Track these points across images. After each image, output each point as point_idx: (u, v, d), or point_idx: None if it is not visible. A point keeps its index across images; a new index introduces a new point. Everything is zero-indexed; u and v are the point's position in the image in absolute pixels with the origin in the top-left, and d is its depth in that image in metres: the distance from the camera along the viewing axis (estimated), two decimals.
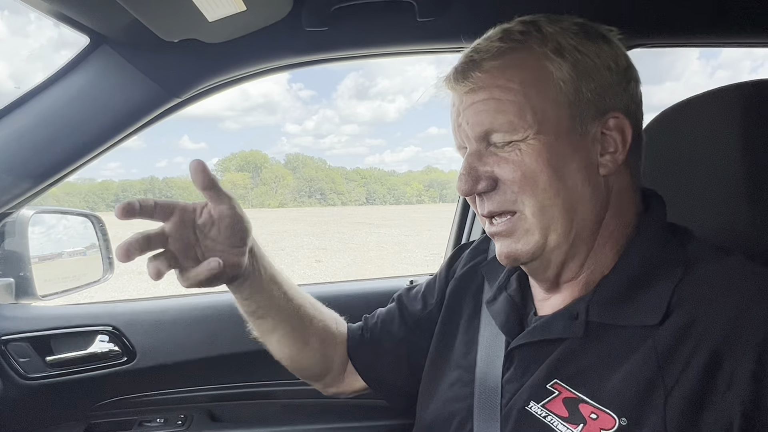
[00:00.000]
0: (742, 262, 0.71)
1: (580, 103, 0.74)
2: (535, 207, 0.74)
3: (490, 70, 0.75)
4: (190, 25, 1.04)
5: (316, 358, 1.04)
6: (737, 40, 1.34)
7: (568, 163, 0.74)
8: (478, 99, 0.75)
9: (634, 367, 0.67)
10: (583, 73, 0.74)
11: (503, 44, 0.75)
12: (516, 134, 0.73)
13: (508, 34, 0.76)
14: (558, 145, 0.73)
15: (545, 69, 0.74)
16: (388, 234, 20.82)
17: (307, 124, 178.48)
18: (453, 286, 1.04)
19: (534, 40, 0.75)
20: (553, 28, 0.76)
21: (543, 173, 0.73)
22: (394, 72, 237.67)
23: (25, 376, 1.36)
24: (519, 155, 0.74)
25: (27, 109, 1.14)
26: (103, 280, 1.50)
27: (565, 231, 0.75)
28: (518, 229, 0.76)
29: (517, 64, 0.74)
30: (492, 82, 0.74)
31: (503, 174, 0.75)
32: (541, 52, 0.74)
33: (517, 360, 0.81)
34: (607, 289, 0.75)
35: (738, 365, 0.61)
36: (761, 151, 0.82)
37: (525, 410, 0.75)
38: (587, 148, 0.75)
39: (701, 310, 0.66)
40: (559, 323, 0.77)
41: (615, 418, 0.66)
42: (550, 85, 0.74)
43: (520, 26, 0.77)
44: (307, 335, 1.02)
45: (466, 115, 0.77)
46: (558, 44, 0.74)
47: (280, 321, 0.98)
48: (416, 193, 77.26)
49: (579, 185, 0.74)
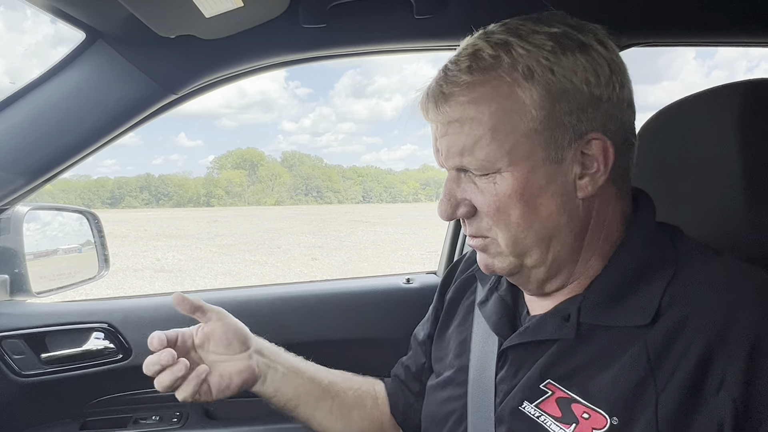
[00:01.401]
0: (732, 261, 0.71)
1: (555, 128, 0.70)
2: (508, 239, 0.74)
3: (460, 104, 0.72)
4: (186, 21, 1.03)
5: (364, 426, 1.06)
6: (733, 39, 1.34)
7: (543, 193, 0.72)
8: (450, 132, 0.73)
9: (625, 367, 0.67)
10: (557, 96, 0.70)
11: (472, 77, 0.72)
12: (488, 168, 0.72)
13: (477, 61, 0.72)
14: (532, 177, 0.71)
15: (516, 97, 0.70)
16: (385, 232, 20.82)
17: (304, 121, 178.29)
18: (450, 296, 1.05)
19: (504, 67, 0.70)
20: (524, 49, 0.70)
21: (516, 207, 0.72)
22: (392, 70, 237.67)
23: (20, 373, 1.36)
24: (493, 188, 0.72)
25: (22, 105, 1.13)
26: (98, 277, 1.49)
27: (541, 257, 0.75)
28: (491, 248, 0.77)
29: (487, 97, 0.71)
30: (462, 115, 0.72)
31: (479, 204, 0.75)
32: (511, 79, 0.70)
33: (510, 360, 0.81)
34: (599, 290, 0.75)
35: (729, 365, 0.61)
36: (757, 151, 0.82)
37: (518, 410, 0.75)
38: (564, 174, 0.72)
39: (692, 310, 0.66)
40: (551, 324, 0.76)
41: (606, 417, 0.66)
42: (521, 115, 0.70)
43: (491, 50, 0.72)
44: (348, 410, 1.04)
45: (441, 144, 0.76)
46: (528, 68, 0.70)
47: (315, 406, 1.01)
48: (413, 192, 77.24)
49: (554, 214, 0.72)
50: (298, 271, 12.11)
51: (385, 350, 1.25)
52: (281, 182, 76.04)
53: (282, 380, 0.98)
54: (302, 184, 76.05)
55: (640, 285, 0.72)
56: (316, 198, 73.19)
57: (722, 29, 1.30)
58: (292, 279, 11.25)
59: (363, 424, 1.05)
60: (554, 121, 0.70)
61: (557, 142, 0.71)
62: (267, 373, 0.96)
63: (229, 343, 0.92)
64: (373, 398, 1.08)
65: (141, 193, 70.36)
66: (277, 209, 48.38)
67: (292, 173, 78.86)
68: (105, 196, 69.21)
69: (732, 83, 0.88)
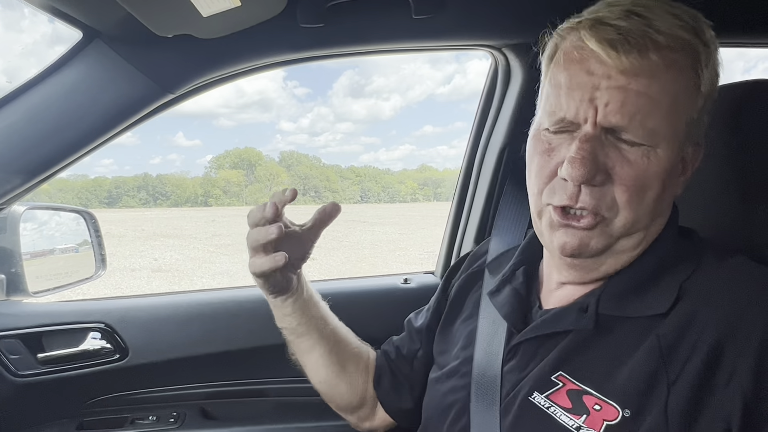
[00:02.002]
0: (746, 261, 0.72)
1: (698, 124, 0.71)
2: (629, 219, 0.70)
3: (666, 59, 0.65)
4: (184, 20, 1.03)
5: (352, 385, 1.06)
6: (730, 40, 1.35)
7: (672, 180, 0.72)
8: (633, 87, 0.65)
9: (638, 360, 0.68)
10: (711, 93, 0.70)
11: (686, 36, 0.66)
12: (649, 140, 0.67)
13: (684, 24, 0.67)
14: (674, 163, 0.70)
15: (697, 79, 0.68)
16: (383, 232, 20.80)
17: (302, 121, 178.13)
18: (456, 288, 1.05)
19: (700, 43, 0.67)
20: (709, 33, 0.69)
21: (654, 188, 0.69)
22: (390, 70, 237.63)
23: (16, 373, 1.35)
24: (646, 162, 0.68)
25: (18, 104, 1.13)
26: (95, 277, 1.49)
27: (637, 242, 0.74)
28: (598, 227, 0.71)
29: (684, 65, 0.67)
30: (657, 75, 0.65)
31: (621, 175, 0.68)
32: (700, 59, 0.68)
33: (521, 352, 0.81)
34: (619, 283, 0.76)
35: (739, 359, 0.62)
36: (754, 151, 0.82)
37: (528, 400, 0.75)
38: (679, 168, 0.74)
39: (704, 305, 0.67)
40: (569, 316, 0.77)
41: (618, 409, 0.67)
42: (694, 100, 0.69)
43: (692, 20, 0.68)
44: (344, 359, 1.05)
45: (608, 95, 0.66)
46: (710, 54, 0.68)
47: (318, 340, 1.02)
48: (411, 192, 77.21)
49: (667, 204, 0.74)
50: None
51: None
52: (279, 182, 75.94)
53: (302, 305, 1.00)
54: (300, 184, 75.97)
55: (660, 280, 0.73)
56: (314, 198, 73.13)
57: (720, 30, 1.30)
58: None
59: (350, 379, 1.06)
60: (700, 117, 0.71)
61: (690, 137, 0.72)
62: (295, 293, 0.98)
63: (299, 251, 0.95)
64: (365, 364, 1.09)
65: (138, 193, 70.21)
66: None
67: (290, 173, 78.79)
68: (102, 196, 69.06)
69: (729, 84, 0.88)
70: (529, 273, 0.90)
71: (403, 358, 1.08)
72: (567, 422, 0.70)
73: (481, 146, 1.54)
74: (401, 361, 1.08)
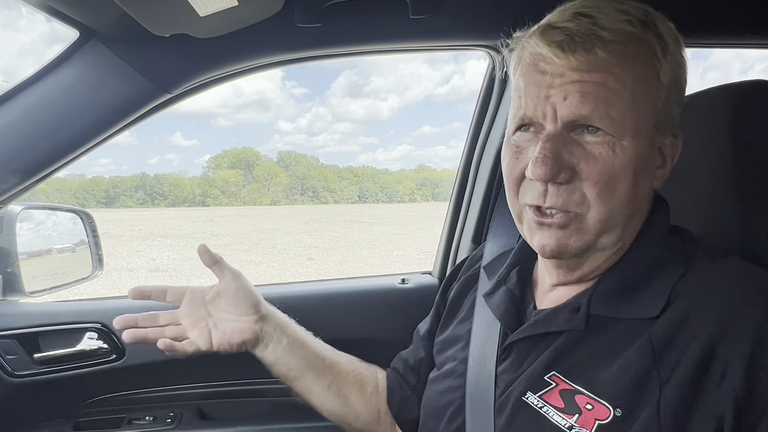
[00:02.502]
0: (739, 262, 0.72)
1: (666, 113, 0.72)
2: (603, 215, 0.71)
3: (615, 53, 0.67)
4: (181, 19, 1.03)
5: (362, 410, 1.07)
6: (728, 41, 1.35)
7: (644, 173, 0.72)
8: (589, 80, 0.68)
9: (630, 359, 0.68)
10: (675, 82, 0.71)
11: (632, 29, 0.68)
12: (615, 131, 0.68)
13: (631, 18, 0.69)
14: (643, 154, 0.70)
15: (655, 69, 0.69)
16: (381, 232, 20.81)
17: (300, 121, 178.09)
18: (454, 293, 1.06)
19: (652, 34, 0.70)
20: (663, 26, 0.71)
21: (625, 181, 0.69)
22: (388, 70, 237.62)
23: (12, 373, 1.35)
24: (611, 156, 0.68)
25: (15, 104, 1.12)
26: (92, 277, 1.48)
27: (617, 238, 0.75)
28: (572, 225, 0.72)
29: (636, 57, 0.69)
30: (610, 68, 0.67)
31: (587, 171, 0.69)
32: (654, 50, 0.69)
33: (515, 352, 0.82)
34: (610, 283, 0.76)
35: (731, 359, 0.62)
36: (751, 151, 0.82)
37: (521, 400, 0.76)
38: (654, 161, 0.74)
39: (696, 306, 0.67)
40: (561, 316, 0.77)
41: (610, 408, 0.67)
42: (654, 89, 0.70)
43: (640, 13, 0.70)
44: (345, 389, 1.06)
45: (564, 91, 0.69)
46: (666, 45, 0.70)
47: (314, 380, 1.04)
48: (409, 192, 77.24)
49: (644, 196, 0.74)
50: (293, 271, 12.07)
51: (380, 350, 1.25)
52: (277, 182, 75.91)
53: (284, 351, 1.01)
54: (298, 184, 75.96)
55: (651, 281, 0.73)
56: (312, 198, 73.11)
57: (717, 31, 1.30)
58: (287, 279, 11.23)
59: (358, 406, 1.07)
60: (667, 106, 0.72)
61: (661, 127, 0.72)
62: (270, 342, 1.00)
63: (238, 304, 0.98)
64: (374, 385, 1.09)
65: (136, 193, 70.11)
66: (272, 209, 48.31)
67: (288, 173, 78.74)
68: (100, 196, 68.92)
69: (726, 84, 0.89)
70: (523, 274, 0.91)
71: (411, 370, 1.09)
72: (559, 422, 0.70)
73: (479, 146, 1.54)
74: (409, 373, 1.09)
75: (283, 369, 1.03)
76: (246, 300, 1.00)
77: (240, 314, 0.98)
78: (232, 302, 0.99)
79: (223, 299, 0.99)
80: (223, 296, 0.99)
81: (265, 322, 1.01)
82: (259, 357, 1.02)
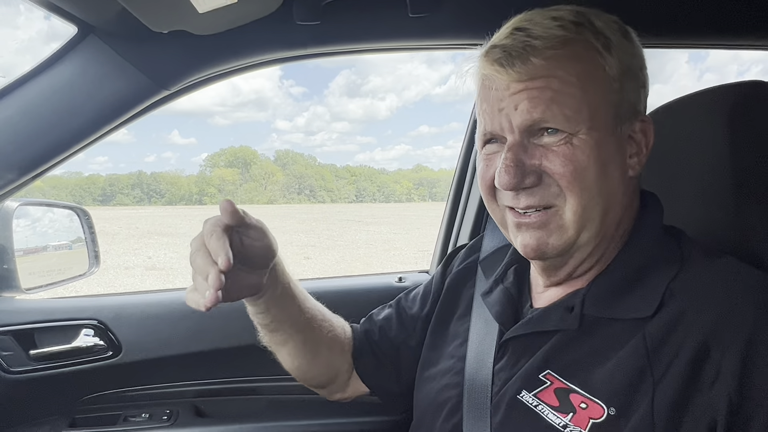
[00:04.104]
0: (733, 262, 0.72)
1: (623, 102, 0.74)
2: (578, 205, 0.72)
3: (551, 58, 0.71)
4: (179, 16, 1.03)
5: (325, 367, 1.06)
6: (725, 42, 1.35)
7: (612, 161, 0.73)
8: (533, 87, 0.71)
9: (624, 359, 0.69)
10: (626, 73, 0.74)
11: (564, 32, 0.72)
12: (569, 128, 0.71)
13: (563, 21, 0.73)
14: (605, 143, 0.72)
15: (598, 64, 0.72)
16: (378, 232, 20.82)
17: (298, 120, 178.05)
18: (449, 283, 1.05)
19: (588, 33, 0.73)
20: (601, 22, 0.74)
21: (591, 170, 0.71)
22: (386, 70, 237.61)
23: (8, 369, 1.34)
24: (570, 149, 0.71)
25: (12, 100, 1.12)
26: (88, 273, 1.48)
27: (597, 230, 0.75)
28: (552, 223, 0.74)
29: (576, 56, 0.72)
30: (551, 72, 0.71)
31: (552, 167, 0.72)
32: (595, 46, 0.72)
33: (510, 350, 0.82)
34: (604, 283, 0.77)
35: (725, 359, 0.62)
36: (747, 151, 0.83)
37: (516, 399, 0.76)
38: (623, 149, 0.75)
39: (690, 306, 0.68)
40: (555, 315, 0.78)
41: (604, 407, 0.68)
42: (602, 81, 0.73)
43: (572, 15, 0.74)
44: (318, 347, 1.03)
45: (514, 101, 0.73)
46: (607, 40, 0.73)
47: (293, 334, 1.00)
48: (406, 192, 77.34)
49: (617, 185, 0.75)
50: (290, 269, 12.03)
51: None
52: (274, 181, 75.85)
53: (275, 301, 0.94)
54: (295, 183, 75.92)
55: (644, 281, 0.73)
56: (309, 197, 73.07)
57: (715, 31, 1.31)
58: None
59: (325, 364, 1.05)
60: (623, 96, 0.74)
61: (622, 116, 0.74)
62: (267, 291, 0.91)
63: (258, 259, 0.86)
64: (341, 345, 1.07)
65: (133, 191, 69.99)
66: (269, 208, 48.26)
67: (285, 172, 78.70)
68: (96, 194, 68.76)
69: (722, 85, 0.89)
70: (520, 272, 0.92)
71: (389, 342, 1.07)
72: (554, 420, 0.71)
73: (476, 146, 1.54)
74: (386, 344, 1.07)
75: (267, 319, 0.96)
76: (266, 255, 0.87)
77: (254, 268, 0.86)
78: (248, 261, 0.84)
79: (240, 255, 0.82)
80: (242, 253, 0.83)
81: (271, 273, 0.91)
82: (248, 303, 0.94)
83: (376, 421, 1.48)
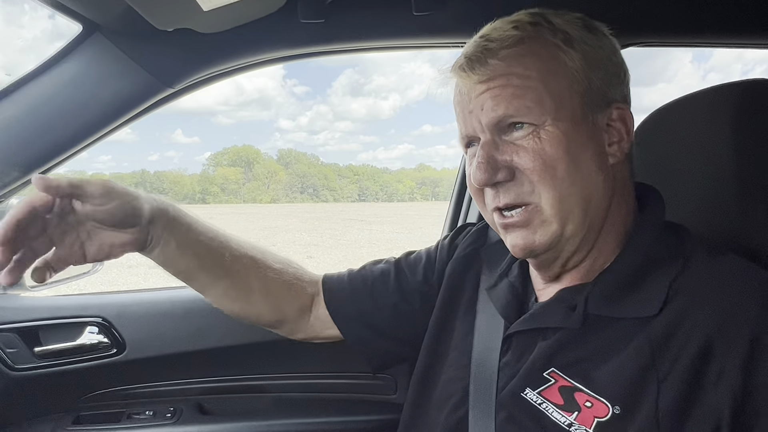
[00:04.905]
0: (737, 260, 0.72)
1: (590, 92, 0.75)
2: (554, 198, 0.73)
3: (507, 57, 0.75)
4: (184, 14, 1.03)
5: (264, 309, 1.05)
6: (729, 40, 1.35)
7: (584, 151, 0.74)
8: (494, 86, 0.74)
9: (628, 357, 0.69)
10: (592, 63, 0.75)
11: (519, 32, 0.75)
12: (534, 120, 0.73)
13: (519, 23, 0.76)
14: (574, 133, 0.73)
15: (559, 59, 0.75)
16: (380, 231, 20.82)
17: (301, 120, 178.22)
18: (452, 267, 1.03)
19: (545, 30, 0.76)
20: (560, 20, 0.77)
21: (561, 161, 0.72)
22: (390, 69, 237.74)
23: (13, 367, 1.35)
24: (538, 143, 0.73)
25: (17, 98, 1.12)
26: (93, 271, 1.48)
27: (581, 221, 0.75)
28: (534, 220, 0.76)
29: (533, 53, 0.75)
30: (509, 70, 0.74)
31: (522, 163, 0.74)
32: (553, 42, 0.75)
33: (514, 345, 0.83)
34: (607, 282, 0.77)
35: (729, 358, 0.62)
36: (751, 150, 0.83)
37: (520, 396, 0.76)
38: (598, 137, 0.76)
39: (695, 304, 0.68)
40: (558, 313, 0.78)
41: (609, 406, 0.68)
42: (564, 74, 0.74)
43: (529, 17, 0.77)
44: (248, 290, 1.02)
45: (480, 101, 0.76)
46: (567, 35, 0.75)
47: (214, 280, 0.99)
48: (409, 191, 77.34)
49: (593, 173, 0.75)
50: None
51: None
52: (277, 180, 75.93)
53: (173, 253, 0.92)
54: (298, 182, 75.99)
55: (647, 279, 0.73)
56: (312, 196, 73.13)
57: (719, 30, 1.31)
58: None
59: (263, 305, 1.04)
60: (590, 85, 0.75)
61: (592, 105, 0.76)
62: (157, 245, 0.89)
63: (116, 223, 0.82)
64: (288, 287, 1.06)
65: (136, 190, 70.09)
66: (272, 207, 48.28)
67: (288, 171, 78.77)
68: None
69: (726, 84, 0.89)
70: (524, 265, 0.92)
71: (379, 293, 1.05)
72: (559, 419, 0.71)
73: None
74: (378, 293, 1.06)
75: (172, 269, 0.95)
76: (123, 219, 0.82)
77: (118, 228, 0.83)
78: (105, 223, 0.81)
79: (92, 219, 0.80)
80: (93, 217, 0.80)
81: (152, 226, 0.88)
82: (146, 256, 0.92)
83: (381, 419, 1.48)
